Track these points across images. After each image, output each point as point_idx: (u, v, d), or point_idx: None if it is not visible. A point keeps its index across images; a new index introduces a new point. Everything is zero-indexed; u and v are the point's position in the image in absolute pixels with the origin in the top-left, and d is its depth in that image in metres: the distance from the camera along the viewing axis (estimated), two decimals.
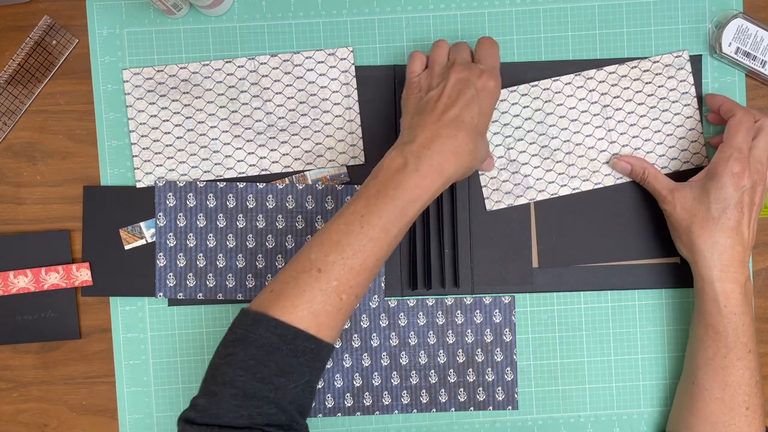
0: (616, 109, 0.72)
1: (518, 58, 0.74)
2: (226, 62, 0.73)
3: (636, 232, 0.73)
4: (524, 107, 0.72)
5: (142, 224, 0.73)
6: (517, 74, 0.73)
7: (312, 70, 0.73)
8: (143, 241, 0.73)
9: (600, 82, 0.72)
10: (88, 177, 0.74)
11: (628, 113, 0.72)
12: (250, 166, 0.73)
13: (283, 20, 0.74)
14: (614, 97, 0.72)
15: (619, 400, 0.74)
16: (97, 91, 0.74)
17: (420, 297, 0.74)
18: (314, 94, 0.73)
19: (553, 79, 0.72)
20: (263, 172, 0.73)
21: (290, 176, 0.73)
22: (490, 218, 0.73)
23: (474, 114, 0.61)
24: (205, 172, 0.73)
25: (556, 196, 0.73)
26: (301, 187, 0.72)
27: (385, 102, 0.73)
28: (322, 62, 0.73)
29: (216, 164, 0.73)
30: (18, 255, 0.73)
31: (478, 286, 0.73)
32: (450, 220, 0.73)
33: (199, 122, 0.73)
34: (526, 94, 0.72)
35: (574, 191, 0.73)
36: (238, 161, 0.73)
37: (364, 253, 0.58)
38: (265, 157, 0.73)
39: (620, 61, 0.73)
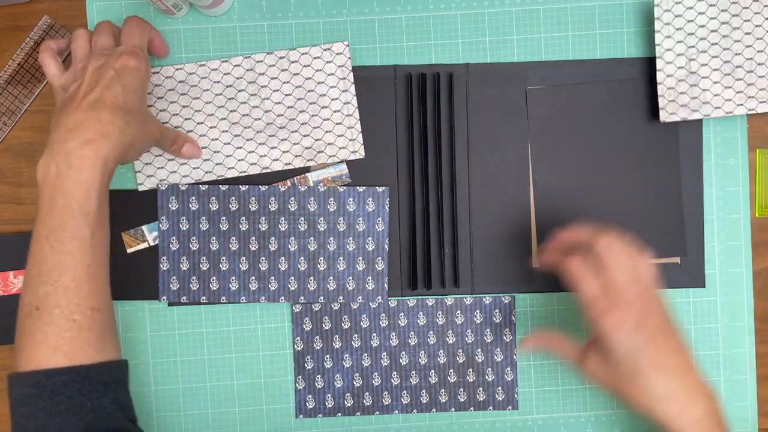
0: None
1: (518, 58, 0.73)
2: (223, 62, 0.72)
3: (636, 232, 0.73)
4: (711, 18, 0.70)
5: (144, 227, 0.73)
6: (517, 74, 0.73)
7: (309, 66, 0.72)
8: (145, 245, 0.73)
9: None
10: None
11: None
12: (251, 164, 0.73)
13: (283, 20, 0.73)
14: None
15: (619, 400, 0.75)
16: None
17: (420, 297, 0.74)
18: (312, 90, 0.73)
19: None
20: (264, 170, 0.73)
21: (292, 178, 0.73)
22: (490, 218, 0.73)
23: (116, 93, 0.60)
24: (206, 172, 0.73)
25: (731, 115, 0.70)
26: (303, 189, 0.72)
27: (386, 102, 0.73)
28: (319, 58, 0.72)
29: (217, 164, 0.73)
30: (18, 255, 0.73)
31: (478, 286, 0.73)
32: (450, 219, 0.73)
33: (198, 123, 0.73)
34: (713, 5, 0.70)
35: (750, 112, 0.70)
36: (239, 160, 0.73)
37: (70, 268, 0.57)
38: (265, 155, 0.73)
39: None
